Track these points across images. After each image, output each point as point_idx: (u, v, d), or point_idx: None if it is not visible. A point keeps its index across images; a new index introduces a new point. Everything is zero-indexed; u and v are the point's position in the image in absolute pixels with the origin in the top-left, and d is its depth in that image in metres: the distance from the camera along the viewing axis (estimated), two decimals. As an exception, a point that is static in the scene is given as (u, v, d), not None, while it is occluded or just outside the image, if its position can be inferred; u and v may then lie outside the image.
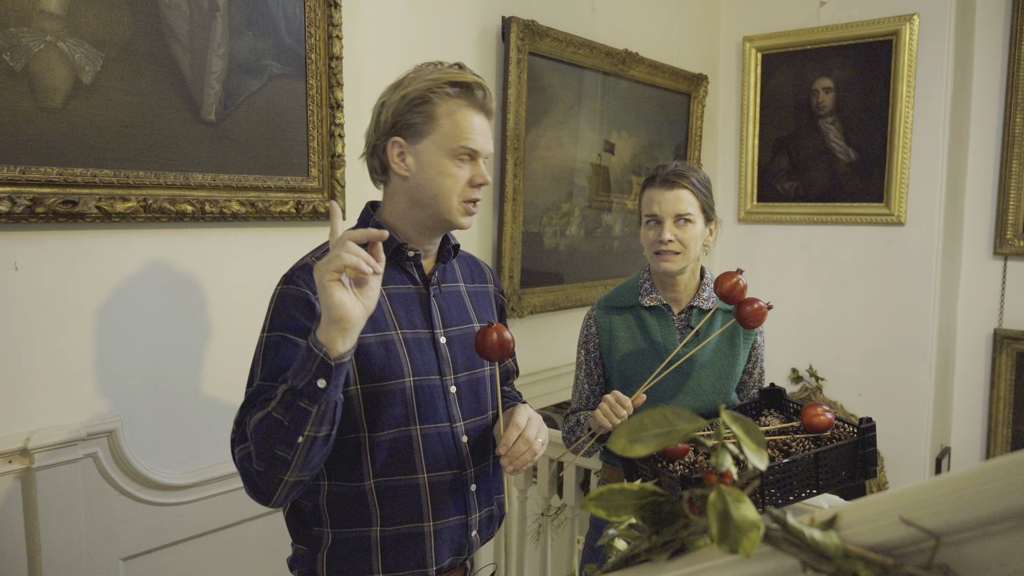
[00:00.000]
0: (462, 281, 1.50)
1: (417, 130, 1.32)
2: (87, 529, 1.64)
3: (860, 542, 0.47)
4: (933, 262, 3.40)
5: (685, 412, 0.52)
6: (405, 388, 1.30)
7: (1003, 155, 3.39)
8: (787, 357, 3.86)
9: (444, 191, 1.32)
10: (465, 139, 1.31)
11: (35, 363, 1.57)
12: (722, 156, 4.00)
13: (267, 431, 1.13)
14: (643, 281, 1.87)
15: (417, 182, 1.33)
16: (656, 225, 1.76)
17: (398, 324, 1.33)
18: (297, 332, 1.24)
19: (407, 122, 1.32)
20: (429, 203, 1.33)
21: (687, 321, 1.83)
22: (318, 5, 1.98)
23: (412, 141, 1.33)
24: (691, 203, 1.75)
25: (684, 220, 1.74)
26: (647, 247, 1.80)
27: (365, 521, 1.30)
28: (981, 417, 3.58)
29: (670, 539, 0.55)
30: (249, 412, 1.20)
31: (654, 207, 1.75)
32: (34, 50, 1.50)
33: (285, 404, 1.11)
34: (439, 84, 1.32)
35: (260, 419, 1.14)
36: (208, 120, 1.79)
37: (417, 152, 1.33)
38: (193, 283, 1.83)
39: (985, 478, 0.46)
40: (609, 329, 1.85)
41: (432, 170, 1.32)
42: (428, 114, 1.31)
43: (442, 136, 1.31)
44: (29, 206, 1.50)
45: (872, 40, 3.46)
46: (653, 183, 1.78)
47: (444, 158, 1.31)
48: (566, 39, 2.80)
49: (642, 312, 1.84)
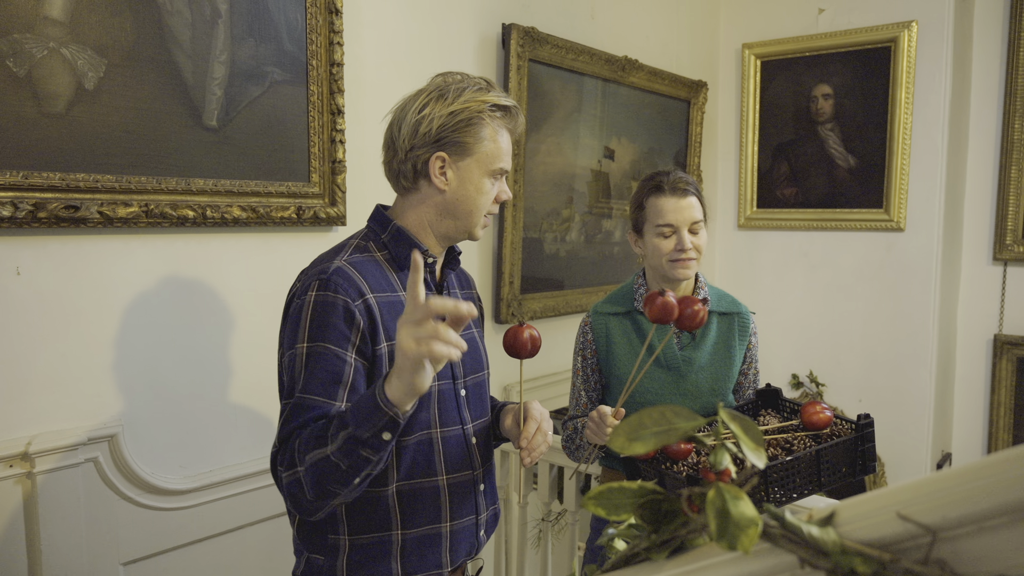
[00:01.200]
0: (458, 288, 1.55)
1: (463, 148, 1.36)
2: (88, 534, 1.64)
3: (857, 538, 0.47)
4: (933, 268, 3.40)
5: (684, 410, 0.53)
6: (430, 393, 1.33)
7: (1002, 161, 3.40)
8: (787, 363, 3.85)
9: (479, 207, 1.39)
10: (503, 161, 1.39)
11: (37, 368, 1.58)
12: (722, 162, 4.01)
13: (325, 472, 1.12)
14: (638, 286, 1.87)
15: (455, 196, 1.37)
16: (673, 234, 1.77)
17: None
18: (339, 343, 1.24)
19: (454, 140, 1.35)
20: (462, 217, 1.39)
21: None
22: (319, 12, 1.99)
23: (456, 158, 1.36)
24: (700, 210, 1.80)
25: (696, 228, 1.78)
26: (661, 256, 1.79)
27: (386, 526, 1.31)
28: (982, 423, 3.58)
29: (669, 538, 0.55)
30: (297, 434, 1.19)
31: (669, 216, 1.76)
32: (37, 56, 1.51)
33: (346, 451, 1.10)
34: (487, 106, 1.36)
35: (317, 460, 1.13)
36: (210, 126, 1.80)
37: (459, 168, 1.37)
38: (194, 288, 1.83)
39: (981, 474, 0.46)
40: (606, 335, 1.85)
41: (471, 187, 1.37)
42: (476, 135, 1.35)
43: (485, 156, 1.36)
44: (31, 211, 1.51)
45: (871, 47, 3.47)
46: (662, 191, 1.79)
47: (484, 177, 1.37)
48: (566, 46, 2.81)
49: (639, 317, 1.84)
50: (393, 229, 1.39)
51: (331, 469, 1.11)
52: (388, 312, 1.30)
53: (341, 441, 1.10)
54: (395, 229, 1.39)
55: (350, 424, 1.10)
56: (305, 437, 1.16)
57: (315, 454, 1.13)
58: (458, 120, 1.34)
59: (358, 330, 1.25)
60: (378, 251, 1.39)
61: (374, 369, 1.28)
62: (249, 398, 1.96)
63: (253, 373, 1.95)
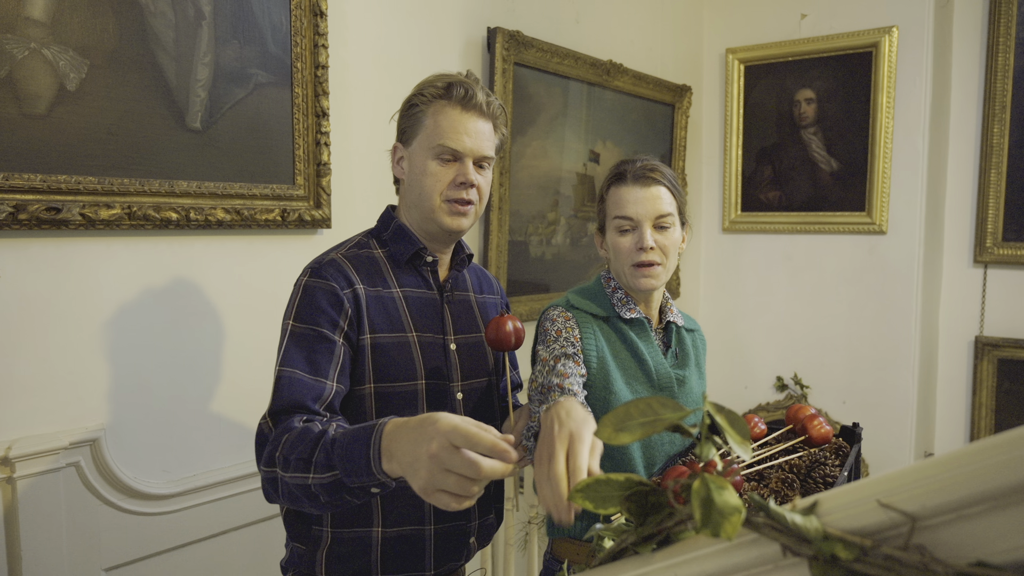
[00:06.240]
0: (472, 291, 1.53)
1: (409, 134, 1.38)
2: (69, 539, 1.62)
3: (840, 527, 0.48)
4: (915, 270, 3.44)
5: (670, 401, 0.53)
6: (417, 391, 1.33)
7: (982, 165, 3.44)
8: (772, 365, 3.88)
9: (426, 191, 1.35)
10: (444, 138, 1.32)
11: (17, 371, 1.56)
12: (706, 166, 4.03)
13: (303, 496, 1.10)
14: (612, 290, 1.60)
15: (409, 183, 1.39)
16: (632, 230, 1.51)
17: (413, 327, 1.36)
18: (326, 325, 1.25)
19: (402, 127, 1.39)
20: (418, 203, 1.37)
21: (666, 339, 1.62)
22: (304, 14, 1.98)
23: (406, 144, 1.39)
24: (670, 203, 1.51)
25: (663, 223, 1.50)
26: (621, 258, 1.53)
27: (367, 521, 1.31)
28: (964, 423, 3.61)
29: (655, 531, 0.55)
30: (284, 421, 1.17)
31: (629, 208, 1.49)
32: (18, 57, 1.50)
33: (330, 490, 1.06)
34: (424, 86, 1.36)
35: (299, 484, 1.09)
36: (193, 128, 1.79)
37: (409, 154, 1.38)
38: (178, 291, 1.82)
39: (959, 463, 0.47)
40: (595, 340, 1.52)
41: (417, 170, 1.36)
42: (417, 117, 1.35)
43: (425, 137, 1.34)
44: (12, 213, 1.49)
45: (852, 52, 3.51)
46: (623, 180, 1.52)
47: (427, 159, 1.34)
48: (551, 50, 2.82)
49: (620, 325, 1.55)
50: (395, 226, 1.41)
51: (310, 497, 1.09)
52: (376, 305, 1.31)
53: (327, 480, 1.06)
54: (396, 226, 1.41)
55: (338, 467, 1.04)
56: (290, 442, 1.12)
57: (296, 476, 1.09)
58: (406, 108, 1.38)
59: (346, 316, 1.27)
60: (378, 248, 1.40)
61: (358, 357, 1.29)
62: (234, 402, 1.94)
63: (238, 376, 1.94)
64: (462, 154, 1.34)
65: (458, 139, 1.33)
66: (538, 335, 1.55)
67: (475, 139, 1.35)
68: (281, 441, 1.13)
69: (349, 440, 1.04)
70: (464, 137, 1.33)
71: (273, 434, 1.17)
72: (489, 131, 1.39)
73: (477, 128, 1.35)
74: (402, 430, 0.98)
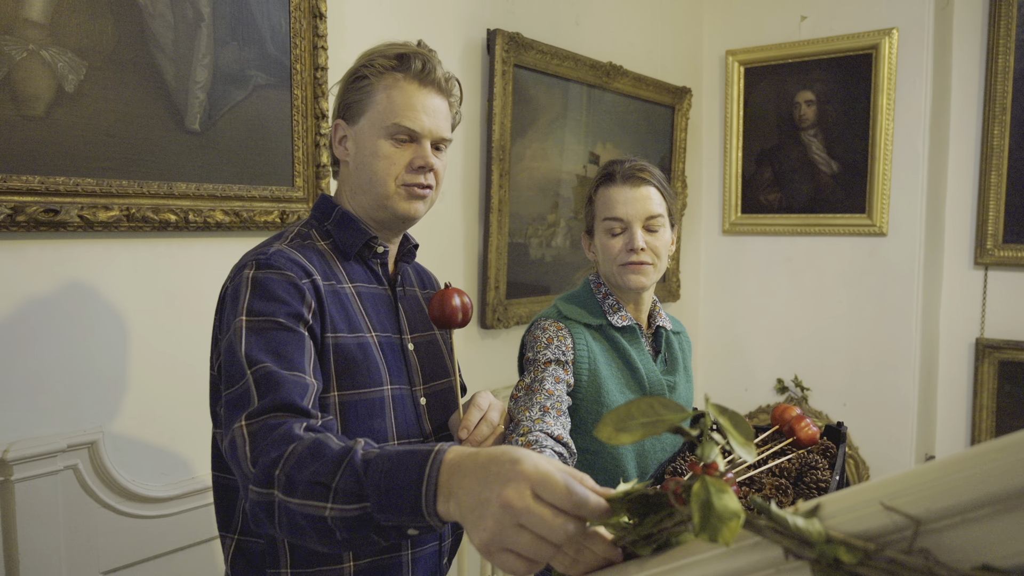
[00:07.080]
0: (416, 286, 1.40)
1: (355, 110, 1.22)
2: (67, 542, 1.61)
3: (843, 530, 0.47)
4: (915, 272, 3.43)
5: (672, 402, 0.52)
6: (384, 398, 1.17)
7: (982, 166, 3.44)
8: (772, 367, 3.87)
9: (379, 174, 1.19)
10: (399, 116, 1.18)
11: (15, 373, 1.55)
12: (706, 168, 4.03)
13: (311, 527, 0.86)
14: (603, 296, 1.59)
15: (355, 165, 1.23)
16: (624, 231, 1.51)
17: (371, 326, 1.21)
18: (286, 317, 1.06)
19: (346, 102, 1.23)
20: (367, 188, 1.22)
21: (655, 344, 1.63)
22: (303, 16, 1.98)
23: (351, 122, 1.23)
24: (660, 204, 1.52)
25: (654, 224, 1.51)
26: (610, 258, 1.53)
27: (336, 557, 1.12)
28: (965, 426, 3.60)
29: (654, 531, 0.55)
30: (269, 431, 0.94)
31: (619, 209, 1.49)
32: (16, 58, 1.50)
33: (353, 526, 0.83)
34: (373, 56, 1.21)
35: (308, 514, 0.85)
36: (192, 129, 1.78)
37: (355, 133, 1.22)
38: (176, 293, 1.81)
39: (963, 466, 0.46)
40: (588, 353, 1.50)
41: (366, 151, 1.20)
42: (365, 91, 1.20)
43: (376, 114, 1.19)
44: (10, 215, 1.49)
45: (852, 54, 3.51)
46: (612, 180, 1.52)
47: (379, 138, 1.19)
48: (551, 52, 2.82)
49: (612, 333, 1.55)
50: (338, 215, 1.25)
51: (322, 533, 0.85)
52: (333, 301, 1.15)
53: (353, 512, 0.82)
54: (340, 214, 1.25)
55: (371, 498, 0.81)
56: (297, 457, 0.88)
57: (307, 504, 0.85)
58: (351, 81, 1.22)
59: (309, 308, 1.09)
60: (321, 240, 1.24)
61: (321, 358, 1.11)
62: (232, 404, 1.94)
63: (236, 379, 1.93)
64: (420, 135, 1.19)
65: (415, 118, 1.18)
66: (527, 343, 1.54)
67: (433, 118, 1.21)
68: (283, 455, 0.89)
69: (392, 466, 0.81)
70: (422, 116, 1.19)
71: (258, 444, 0.93)
72: (446, 110, 1.25)
73: (435, 106, 1.21)
74: (468, 464, 0.75)
